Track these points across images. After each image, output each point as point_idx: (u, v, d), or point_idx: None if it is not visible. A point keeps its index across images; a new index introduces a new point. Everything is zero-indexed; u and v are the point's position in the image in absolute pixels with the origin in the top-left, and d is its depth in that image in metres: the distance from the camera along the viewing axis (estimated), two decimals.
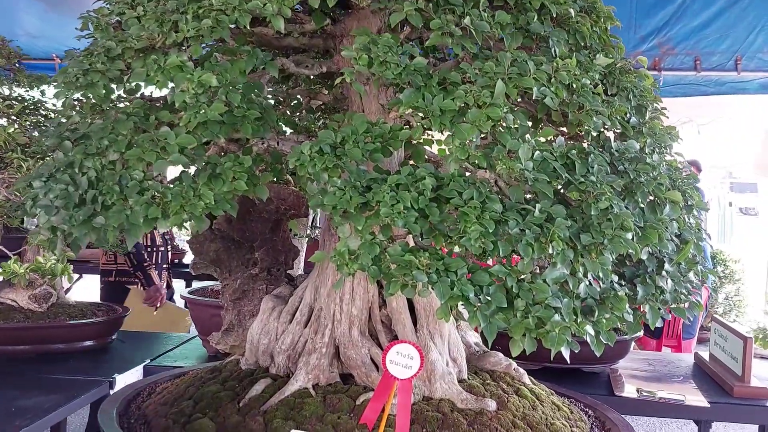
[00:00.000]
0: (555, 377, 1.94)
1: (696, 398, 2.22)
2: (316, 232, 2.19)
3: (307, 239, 1.94)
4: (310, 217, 1.91)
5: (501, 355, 1.64)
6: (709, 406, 2.18)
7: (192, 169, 1.19)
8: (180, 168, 1.17)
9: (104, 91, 1.20)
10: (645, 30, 6.52)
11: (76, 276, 2.26)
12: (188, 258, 5.37)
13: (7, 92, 2.06)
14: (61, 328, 2.43)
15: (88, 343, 2.50)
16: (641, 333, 2.66)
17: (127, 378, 2.25)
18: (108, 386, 2.18)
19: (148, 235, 3.53)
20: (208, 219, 1.19)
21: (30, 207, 1.29)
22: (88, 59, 1.20)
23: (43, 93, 2.27)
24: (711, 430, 2.50)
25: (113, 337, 2.61)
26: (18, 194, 1.74)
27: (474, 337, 1.67)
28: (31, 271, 1.67)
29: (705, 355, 2.67)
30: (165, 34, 1.13)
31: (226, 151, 1.34)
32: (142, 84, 1.17)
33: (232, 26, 1.16)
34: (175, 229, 3.84)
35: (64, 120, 1.33)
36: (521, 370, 1.62)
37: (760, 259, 9.43)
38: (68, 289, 2.57)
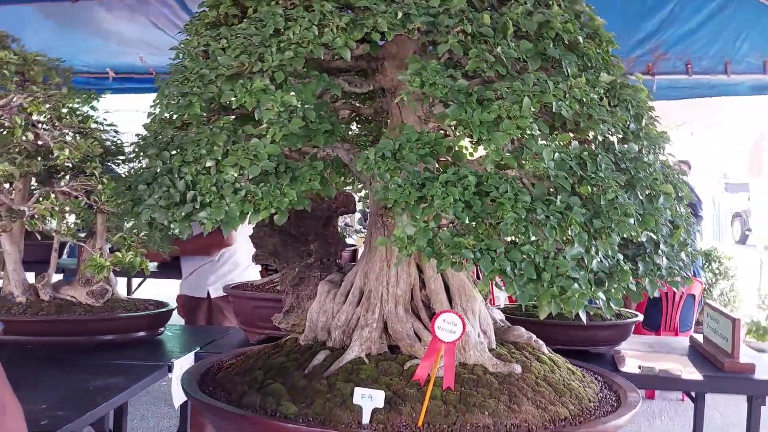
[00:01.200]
0: (566, 357, 2.18)
1: (691, 372, 2.49)
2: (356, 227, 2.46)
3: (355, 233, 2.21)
4: (356, 215, 2.18)
5: (523, 329, 1.90)
6: (702, 378, 2.45)
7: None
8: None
9: (199, 110, 1.46)
10: (639, 35, 6.82)
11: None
12: None
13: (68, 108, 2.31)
14: (117, 320, 2.68)
15: (141, 334, 2.76)
16: (640, 317, 2.92)
17: (182, 363, 2.50)
18: (167, 369, 2.44)
19: None
20: (287, 214, 1.45)
21: (132, 207, 1.56)
22: (185, 84, 1.46)
23: (93, 108, 2.53)
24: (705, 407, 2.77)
25: (162, 329, 2.87)
26: (97, 200, 1.99)
27: (499, 314, 1.93)
28: (113, 265, 1.91)
29: (700, 338, 2.94)
30: (252, 63, 1.40)
31: (289, 156, 1.60)
32: (233, 101, 1.43)
33: None
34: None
35: (156, 134, 1.60)
36: (540, 341, 1.89)
37: (754, 257, 9.70)
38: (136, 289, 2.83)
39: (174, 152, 1.50)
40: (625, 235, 1.38)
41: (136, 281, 6.56)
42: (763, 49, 6.27)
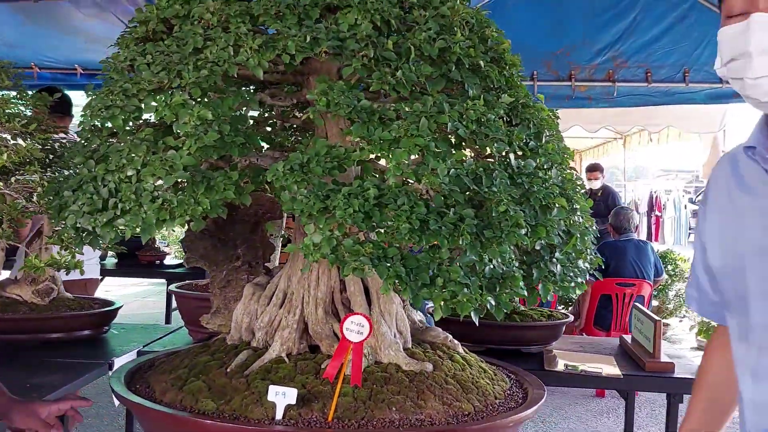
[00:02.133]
0: (497, 356, 2.27)
1: (612, 370, 2.63)
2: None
3: (281, 238, 2.30)
4: (284, 220, 2.27)
5: (440, 329, 2.01)
6: (622, 376, 2.59)
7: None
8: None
9: (122, 122, 1.54)
10: (600, 44, 7.02)
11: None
12: (168, 259, 5.69)
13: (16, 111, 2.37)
14: (62, 318, 2.75)
15: (86, 332, 2.83)
16: (571, 318, 3.06)
17: (124, 361, 2.57)
18: (107, 368, 2.51)
19: None
20: (203, 221, 1.54)
21: (59, 212, 1.64)
22: (108, 97, 1.55)
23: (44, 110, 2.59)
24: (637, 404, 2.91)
25: (107, 327, 2.93)
26: (35, 202, 2.06)
27: (419, 316, 2.04)
28: (48, 265, 1.98)
29: (628, 339, 3.08)
30: (171, 79, 1.49)
31: (216, 166, 1.69)
32: (152, 116, 1.51)
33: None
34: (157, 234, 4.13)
35: (84, 142, 1.68)
36: (456, 341, 2.00)
37: None
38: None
39: (97, 161, 1.58)
40: (516, 244, 1.50)
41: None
42: None
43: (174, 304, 6.03)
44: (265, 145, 2.05)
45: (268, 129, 2.03)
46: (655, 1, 6.34)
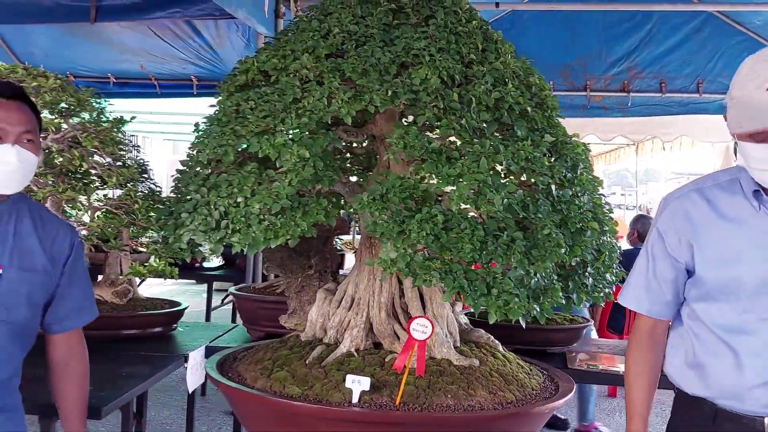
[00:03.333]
0: (525, 356, 2.60)
1: None
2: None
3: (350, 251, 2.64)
4: (351, 235, 2.61)
5: (483, 331, 2.34)
6: None
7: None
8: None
9: (232, 158, 1.88)
10: (615, 56, 7.31)
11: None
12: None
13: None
14: (139, 317, 3.09)
15: (158, 329, 3.17)
16: (592, 323, 3.38)
17: (195, 355, 2.92)
18: (183, 360, 2.85)
19: None
20: (298, 239, 1.87)
21: (174, 229, 1.98)
22: (222, 137, 1.89)
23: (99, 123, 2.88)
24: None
25: (176, 325, 3.28)
26: (135, 217, 2.41)
27: (464, 319, 2.37)
28: (149, 272, 2.32)
29: None
30: (276, 124, 1.82)
31: (301, 193, 2.03)
32: (258, 152, 1.85)
33: None
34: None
35: (195, 172, 2.02)
36: (497, 341, 2.33)
37: None
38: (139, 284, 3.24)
39: (209, 188, 1.93)
40: (557, 261, 1.83)
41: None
42: (735, 69, 6.73)
43: (214, 302, 6.41)
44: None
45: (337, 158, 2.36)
46: (670, 14, 6.60)
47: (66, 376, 1.89)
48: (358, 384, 1.93)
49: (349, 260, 6.12)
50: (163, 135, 13.72)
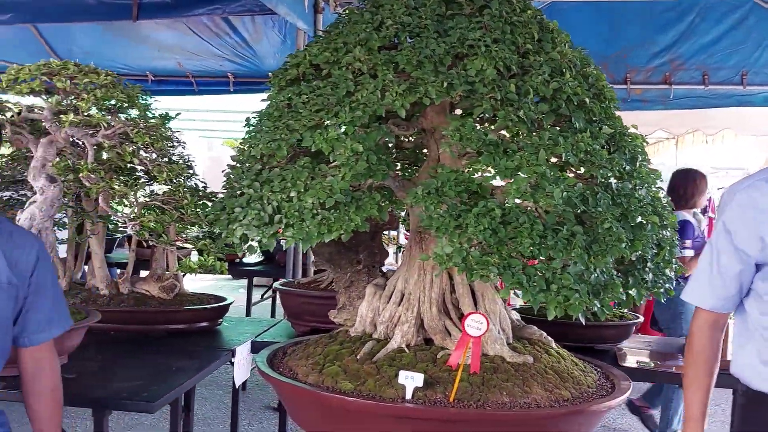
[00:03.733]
0: (573, 353, 2.55)
1: (682, 367, 2.87)
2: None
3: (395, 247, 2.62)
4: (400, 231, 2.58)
5: (535, 327, 2.30)
6: None
7: None
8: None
9: (285, 152, 1.87)
10: (657, 47, 7.15)
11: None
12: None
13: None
14: (185, 312, 3.12)
15: (204, 324, 3.19)
16: (641, 320, 3.31)
17: (242, 350, 2.92)
18: (231, 354, 2.86)
19: None
20: (351, 233, 1.85)
21: (227, 224, 1.97)
22: (275, 132, 1.87)
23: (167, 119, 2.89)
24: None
25: (221, 320, 3.30)
26: (183, 212, 2.41)
27: (516, 315, 2.33)
28: (199, 267, 2.33)
29: None
30: (329, 118, 1.81)
31: (354, 187, 2.01)
32: (311, 146, 1.83)
33: None
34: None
35: (247, 167, 2.01)
36: (549, 338, 2.28)
37: None
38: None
39: (262, 183, 1.92)
40: (617, 256, 1.78)
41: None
42: None
43: (255, 297, 6.46)
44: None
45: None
46: (714, 4, 6.43)
47: (35, 391, 1.78)
48: (411, 380, 1.91)
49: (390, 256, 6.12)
50: (199, 132, 13.89)
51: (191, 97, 8.61)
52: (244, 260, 5.96)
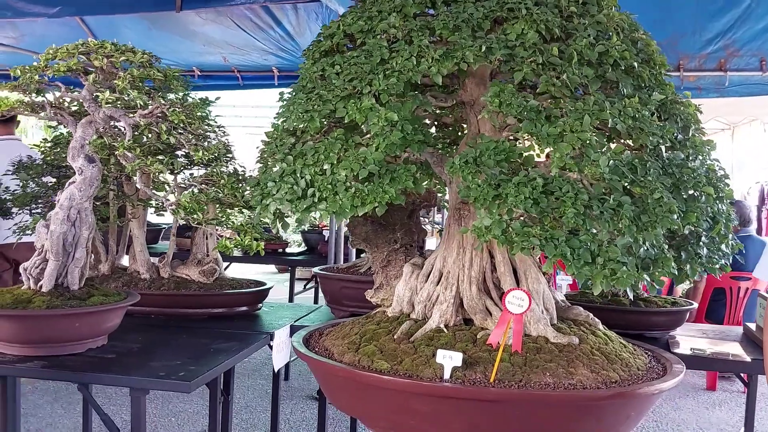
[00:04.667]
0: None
1: (739, 355, 2.72)
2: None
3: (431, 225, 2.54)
4: (435, 208, 2.51)
5: (581, 308, 2.20)
6: (750, 360, 2.67)
7: None
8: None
9: (318, 124, 1.82)
10: (710, 33, 6.90)
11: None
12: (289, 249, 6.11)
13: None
14: (225, 296, 3.11)
15: (243, 308, 3.19)
16: (695, 306, 3.16)
17: (280, 334, 2.90)
18: (269, 338, 2.84)
19: None
20: (386, 207, 1.79)
21: (261, 200, 1.93)
22: (308, 102, 1.83)
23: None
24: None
25: (260, 305, 3.29)
26: (220, 192, 2.39)
27: (560, 296, 2.23)
28: (235, 246, 2.31)
29: (753, 327, 3.14)
30: (362, 87, 1.75)
31: (388, 160, 1.94)
32: (345, 117, 1.78)
33: None
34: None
35: (281, 141, 1.97)
36: (596, 319, 2.18)
37: None
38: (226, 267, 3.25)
39: (295, 157, 1.87)
40: (669, 228, 1.67)
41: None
42: None
43: (297, 287, 6.48)
44: None
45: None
46: None
47: None
48: (450, 359, 1.84)
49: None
50: (246, 129, 14.06)
51: (238, 93, 8.71)
52: (287, 250, 5.97)
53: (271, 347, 2.79)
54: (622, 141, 1.76)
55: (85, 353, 2.33)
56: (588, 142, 1.62)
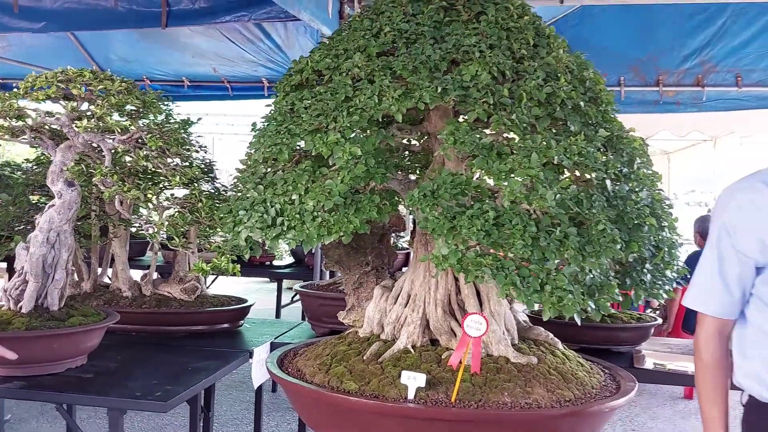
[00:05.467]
0: (590, 354, 2.54)
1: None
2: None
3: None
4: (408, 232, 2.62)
5: (542, 328, 2.31)
6: None
7: None
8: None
9: (287, 156, 1.93)
10: (688, 50, 7.10)
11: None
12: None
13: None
14: (206, 313, 3.20)
15: (225, 325, 3.28)
16: (659, 321, 3.28)
17: (260, 351, 2.99)
18: (249, 355, 2.94)
19: None
20: (352, 235, 1.90)
21: (233, 227, 2.04)
22: (277, 136, 1.94)
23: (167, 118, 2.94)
24: None
25: (242, 321, 3.38)
26: (198, 215, 2.50)
27: (523, 316, 2.34)
28: (212, 269, 2.41)
29: None
30: (328, 122, 1.86)
31: (355, 190, 2.05)
32: (312, 150, 1.89)
33: None
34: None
35: (253, 170, 2.08)
36: (556, 339, 2.29)
37: None
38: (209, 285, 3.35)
39: (266, 186, 1.98)
40: (612, 257, 1.79)
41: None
42: None
43: (285, 300, 6.56)
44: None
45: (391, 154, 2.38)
46: (745, 6, 6.35)
47: None
48: (413, 380, 1.94)
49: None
50: (238, 137, 14.14)
51: (230, 103, 8.78)
52: (275, 263, 6.07)
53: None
54: (573, 175, 1.88)
55: (64, 373, 2.42)
56: (536, 177, 1.74)
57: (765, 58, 6.63)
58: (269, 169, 2.04)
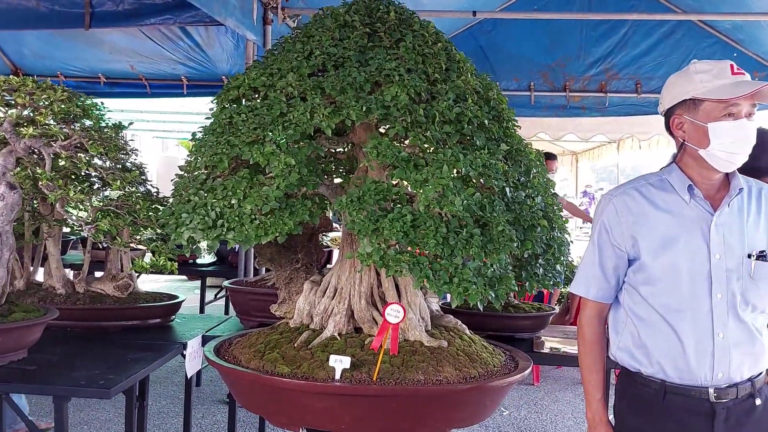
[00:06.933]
0: (496, 341, 2.87)
1: None
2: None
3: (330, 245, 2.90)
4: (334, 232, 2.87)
5: (451, 316, 2.62)
6: None
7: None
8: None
9: (226, 165, 2.15)
10: (593, 57, 7.65)
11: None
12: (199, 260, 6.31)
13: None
14: (139, 309, 3.34)
15: (157, 320, 3.43)
16: (556, 310, 3.69)
17: (193, 343, 3.17)
18: (182, 347, 3.11)
19: None
20: (286, 236, 2.14)
21: (176, 228, 2.24)
22: (217, 146, 2.15)
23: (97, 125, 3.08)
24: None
25: (173, 317, 3.54)
26: (136, 217, 2.66)
27: (436, 306, 2.65)
28: (151, 267, 2.58)
29: None
30: (265, 135, 2.09)
31: (289, 194, 2.29)
32: (250, 159, 2.11)
33: None
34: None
35: (194, 177, 2.28)
36: (464, 326, 2.61)
37: None
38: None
39: (206, 191, 2.19)
40: (511, 254, 2.11)
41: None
42: None
43: (208, 296, 6.66)
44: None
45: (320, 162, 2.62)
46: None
47: None
48: (340, 363, 2.20)
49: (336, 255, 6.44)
50: (152, 133, 13.90)
51: (147, 100, 8.67)
52: (198, 261, 6.18)
53: (184, 356, 3.06)
54: (478, 183, 2.19)
55: (7, 365, 2.53)
56: (447, 186, 2.03)
57: (661, 66, 7.25)
58: (209, 176, 2.25)
